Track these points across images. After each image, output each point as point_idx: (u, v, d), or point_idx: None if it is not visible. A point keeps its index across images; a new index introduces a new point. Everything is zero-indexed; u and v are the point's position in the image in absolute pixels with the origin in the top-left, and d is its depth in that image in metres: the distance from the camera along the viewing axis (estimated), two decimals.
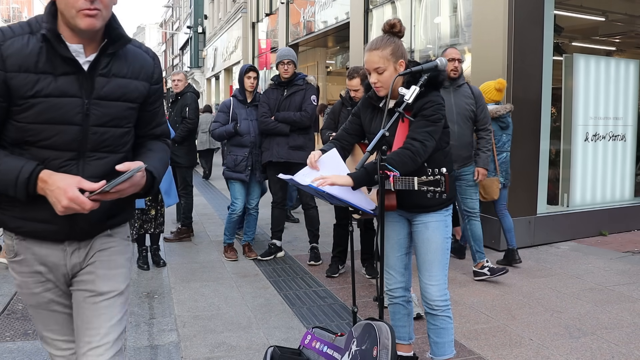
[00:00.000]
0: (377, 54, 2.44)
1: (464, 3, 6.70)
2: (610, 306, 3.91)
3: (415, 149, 2.36)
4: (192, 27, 31.47)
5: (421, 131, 2.40)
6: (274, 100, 5.02)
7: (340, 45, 13.18)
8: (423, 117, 2.42)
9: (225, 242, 5.29)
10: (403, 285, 2.71)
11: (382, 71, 2.44)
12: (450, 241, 2.62)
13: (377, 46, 2.45)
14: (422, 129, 2.40)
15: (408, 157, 2.35)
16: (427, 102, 2.42)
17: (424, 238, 2.56)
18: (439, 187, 2.20)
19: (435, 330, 2.59)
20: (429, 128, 2.41)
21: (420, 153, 2.37)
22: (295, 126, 4.93)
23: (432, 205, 2.50)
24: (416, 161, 2.37)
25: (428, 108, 2.41)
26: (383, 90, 2.48)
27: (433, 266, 2.55)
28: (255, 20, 18.46)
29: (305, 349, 2.75)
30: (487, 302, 4.04)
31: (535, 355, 3.15)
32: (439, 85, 2.50)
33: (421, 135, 2.39)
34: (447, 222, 2.58)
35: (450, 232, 2.60)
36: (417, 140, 2.38)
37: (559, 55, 6.52)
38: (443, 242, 2.56)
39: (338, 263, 4.72)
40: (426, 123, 2.41)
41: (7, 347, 3.21)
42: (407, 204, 2.52)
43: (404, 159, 2.34)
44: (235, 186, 5.11)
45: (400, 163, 2.32)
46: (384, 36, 2.50)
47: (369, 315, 3.16)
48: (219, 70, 24.85)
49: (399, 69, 2.46)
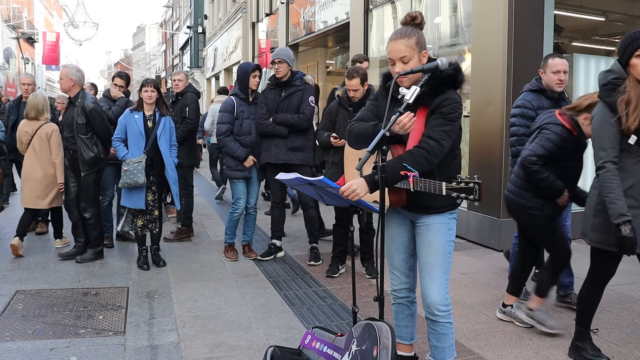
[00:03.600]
0: (404, 42, 2.40)
1: (464, 3, 6.70)
2: (610, 306, 3.91)
3: (431, 148, 2.32)
4: (192, 27, 31.47)
5: (438, 130, 2.36)
6: (272, 100, 5.00)
7: (340, 45, 13.18)
8: (441, 115, 2.38)
9: (227, 241, 5.29)
10: (408, 286, 2.70)
11: (407, 60, 2.40)
12: (454, 245, 2.57)
13: (404, 35, 2.41)
14: (440, 128, 2.36)
15: (423, 156, 2.31)
16: (446, 99, 2.38)
17: (425, 240, 2.53)
18: (472, 194, 2.14)
19: (436, 335, 2.56)
20: (446, 127, 2.37)
21: (436, 152, 2.33)
22: (293, 128, 4.91)
23: (437, 207, 2.47)
24: (431, 161, 2.33)
25: (447, 106, 2.37)
26: (407, 80, 2.42)
27: (434, 269, 2.51)
28: (255, 20, 18.46)
29: (306, 349, 2.75)
30: (487, 302, 4.04)
31: (535, 355, 3.15)
32: (458, 84, 2.46)
33: (438, 134, 2.35)
34: (451, 225, 2.54)
35: (453, 235, 2.56)
36: (433, 139, 2.34)
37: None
38: (445, 245, 2.52)
39: (338, 263, 4.71)
40: (443, 121, 2.37)
41: (7, 347, 3.21)
42: (411, 204, 2.49)
43: (418, 158, 2.31)
44: (239, 185, 5.10)
45: (415, 163, 2.29)
46: (407, 27, 2.45)
47: (369, 315, 3.16)
48: (219, 70, 24.86)
49: (422, 59, 2.42)
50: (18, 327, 3.51)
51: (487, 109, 5.66)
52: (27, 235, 5.58)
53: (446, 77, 2.40)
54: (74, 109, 4.91)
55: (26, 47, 32.37)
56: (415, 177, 2.28)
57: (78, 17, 29.11)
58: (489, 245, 5.60)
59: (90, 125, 4.86)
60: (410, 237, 2.65)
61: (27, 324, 3.56)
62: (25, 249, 5.31)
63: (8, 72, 28.61)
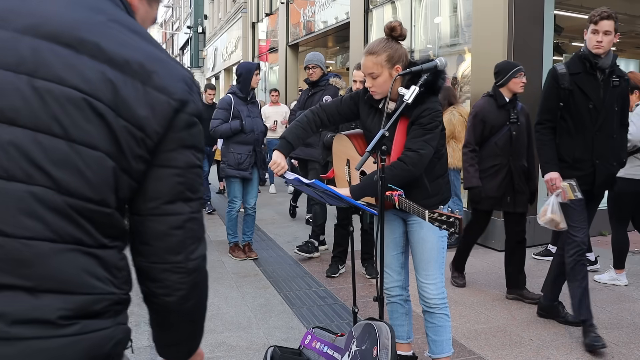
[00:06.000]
0: (372, 59, 2.42)
1: (464, 3, 6.70)
2: (610, 306, 3.91)
3: (410, 159, 2.37)
4: (192, 27, 31.48)
5: (417, 140, 2.40)
6: (302, 100, 5.39)
7: (340, 45, 13.19)
8: (420, 126, 2.41)
9: (231, 241, 5.28)
10: (400, 284, 2.72)
11: (376, 76, 2.42)
12: (446, 240, 2.61)
13: (372, 51, 2.42)
14: (418, 138, 2.40)
15: (400, 168, 2.36)
16: (424, 109, 2.41)
17: (419, 237, 2.57)
18: (452, 227, 2.17)
19: (433, 328, 2.60)
20: (425, 136, 2.40)
21: (415, 162, 2.37)
22: None
23: (428, 204, 2.49)
24: (411, 171, 2.37)
25: (426, 116, 2.40)
26: (378, 94, 2.47)
27: (430, 265, 2.55)
28: (255, 20, 18.46)
29: (306, 349, 2.75)
30: (487, 302, 4.04)
31: (535, 355, 3.15)
32: (437, 90, 2.47)
33: (416, 144, 2.39)
34: None
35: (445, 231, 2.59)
36: (411, 150, 2.39)
37: (559, 55, 6.53)
38: (438, 241, 2.56)
39: (338, 263, 4.72)
40: (422, 132, 2.41)
41: None
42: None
43: (395, 171, 2.35)
44: (235, 185, 5.10)
45: (394, 176, 2.33)
46: (382, 40, 2.46)
47: (369, 315, 3.16)
48: (219, 70, 24.86)
49: (393, 74, 2.42)
50: None
51: None
52: None
53: (425, 85, 2.37)
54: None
55: None
56: (400, 197, 2.31)
57: None
58: (489, 245, 5.60)
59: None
60: (402, 234, 2.68)
61: None
62: None
63: None
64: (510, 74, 3.93)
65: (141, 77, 0.92)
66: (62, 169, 0.86)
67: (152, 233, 0.97)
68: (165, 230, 0.97)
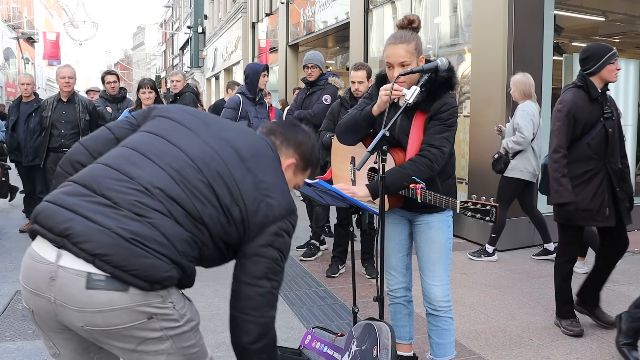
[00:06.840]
0: (404, 47, 2.37)
1: (464, 3, 6.70)
2: (611, 306, 3.91)
3: (433, 155, 2.34)
4: (192, 27, 31.48)
5: (439, 137, 2.37)
6: (300, 99, 5.39)
7: (340, 45, 13.18)
8: (440, 121, 2.38)
9: None
10: (404, 285, 2.71)
11: (406, 65, 2.38)
12: (452, 241, 2.60)
13: (404, 40, 2.39)
14: (440, 135, 2.37)
15: (425, 165, 2.33)
16: (444, 104, 2.38)
17: (427, 238, 2.54)
18: (488, 216, 2.13)
19: (437, 331, 2.58)
20: (445, 133, 2.38)
21: (438, 160, 2.35)
22: (306, 123, 5.00)
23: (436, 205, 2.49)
24: (434, 168, 2.35)
25: (446, 111, 2.38)
26: (406, 84, 2.39)
27: (436, 266, 2.53)
28: (255, 20, 18.46)
29: (306, 349, 2.75)
30: (487, 302, 4.04)
31: (535, 355, 3.15)
32: (453, 86, 2.45)
33: (439, 141, 2.36)
34: (450, 222, 2.56)
35: (452, 232, 2.58)
36: (434, 147, 2.35)
37: (559, 55, 6.52)
38: (446, 242, 2.54)
39: (338, 263, 4.72)
40: (443, 128, 2.38)
41: (7, 347, 3.21)
42: (410, 203, 2.49)
43: (420, 167, 2.33)
44: None
45: (417, 171, 2.31)
46: (405, 31, 2.43)
47: (369, 315, 3.16)
48: (219, 70, 24.85)
49: (419, 64, 2.40)
50: (18, 327, 3.51)
51: (487, 109, 5.66)
52: (26, 236, 5.58)
53: (442, 81, 2.38)
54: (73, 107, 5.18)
55: (26, 47, 32.38)
56: (423, 189, 2.29)
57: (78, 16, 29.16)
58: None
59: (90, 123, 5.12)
60: (407, 235, 2.66)
61: (27, 324, 3.56)
62: (24, 249, 5.30)
63: (8, 72, 28.62)
64: (604, 60, 3.23)
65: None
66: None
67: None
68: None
